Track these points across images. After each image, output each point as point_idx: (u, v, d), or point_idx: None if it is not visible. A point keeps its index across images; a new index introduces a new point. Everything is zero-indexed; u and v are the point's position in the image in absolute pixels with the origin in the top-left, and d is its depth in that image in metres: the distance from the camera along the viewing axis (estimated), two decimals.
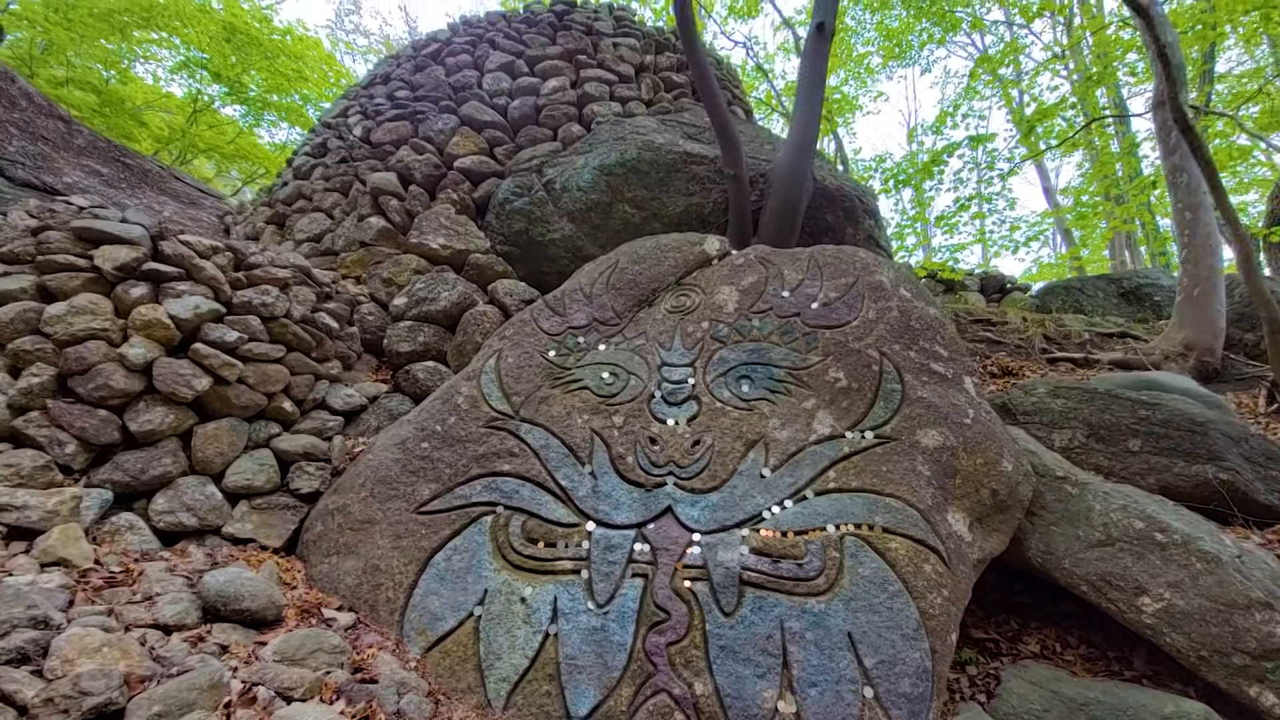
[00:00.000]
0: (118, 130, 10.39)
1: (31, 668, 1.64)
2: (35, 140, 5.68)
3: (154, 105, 11.78)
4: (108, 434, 2.51)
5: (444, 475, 2.91)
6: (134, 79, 12.28)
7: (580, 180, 4.38)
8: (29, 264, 2.68)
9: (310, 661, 2.07)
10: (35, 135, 5.71)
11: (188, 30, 10.36)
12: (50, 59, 10.88)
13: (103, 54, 11.33)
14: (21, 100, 5.75)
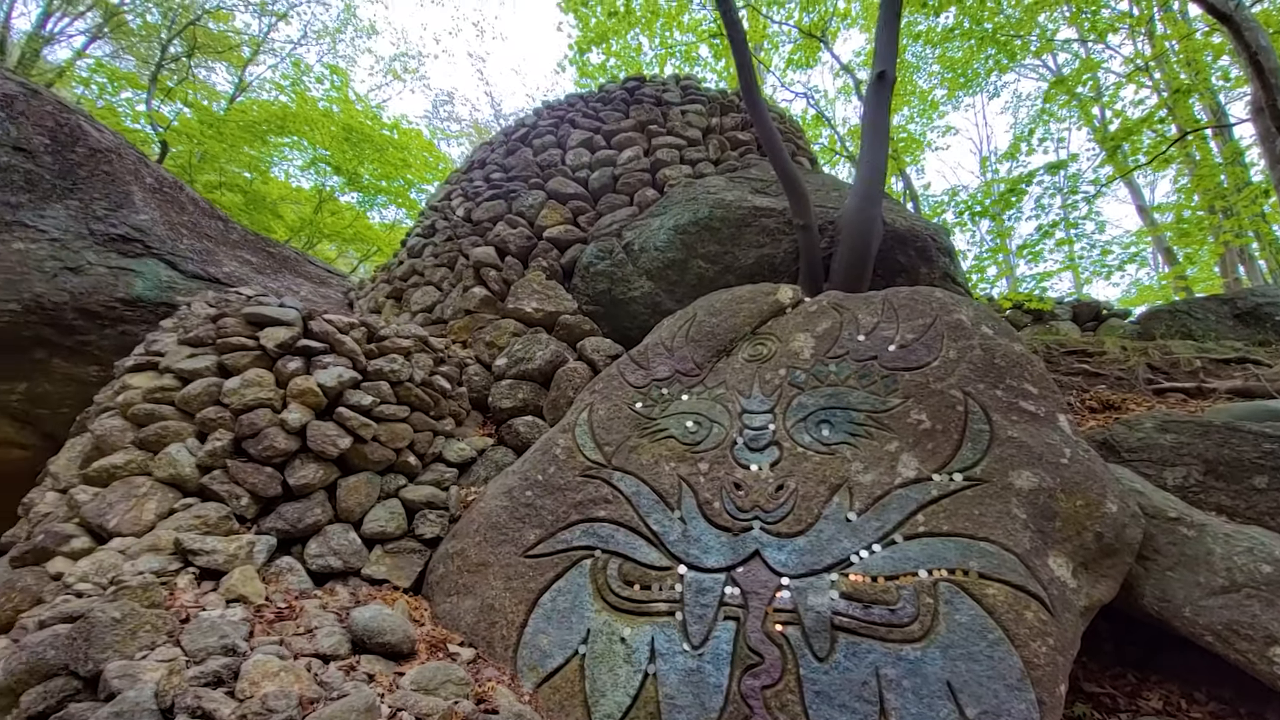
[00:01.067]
0: (260, 223, 12.00)
1: (226, 689, 1.94)
2: (200, 238, 6.73)
3: (287, 199, 13.53)
4: (272, 488, 2.92)
5: (547, 521, 3.12)
6: (271, 179, 14.19)
7: (656, 240, 4.66)
8: (210, 345, 3.23)
9: (441, 691, 2.28)
10: (200, 234, 6.76)
11: (313, 133, 11.93)
12: (205, 166, 12.84)
13: (247, 159, 13.23)
14: (189, 205, 6.86)
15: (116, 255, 5.70)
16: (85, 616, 1.97)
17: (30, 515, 2.75)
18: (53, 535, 2.46)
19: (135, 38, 14.71)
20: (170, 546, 2.46)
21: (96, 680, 1.85)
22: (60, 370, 5.56)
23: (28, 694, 1.81)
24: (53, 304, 5.31)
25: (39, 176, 5.50)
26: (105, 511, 2.55)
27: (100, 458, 2.81)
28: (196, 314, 3.37)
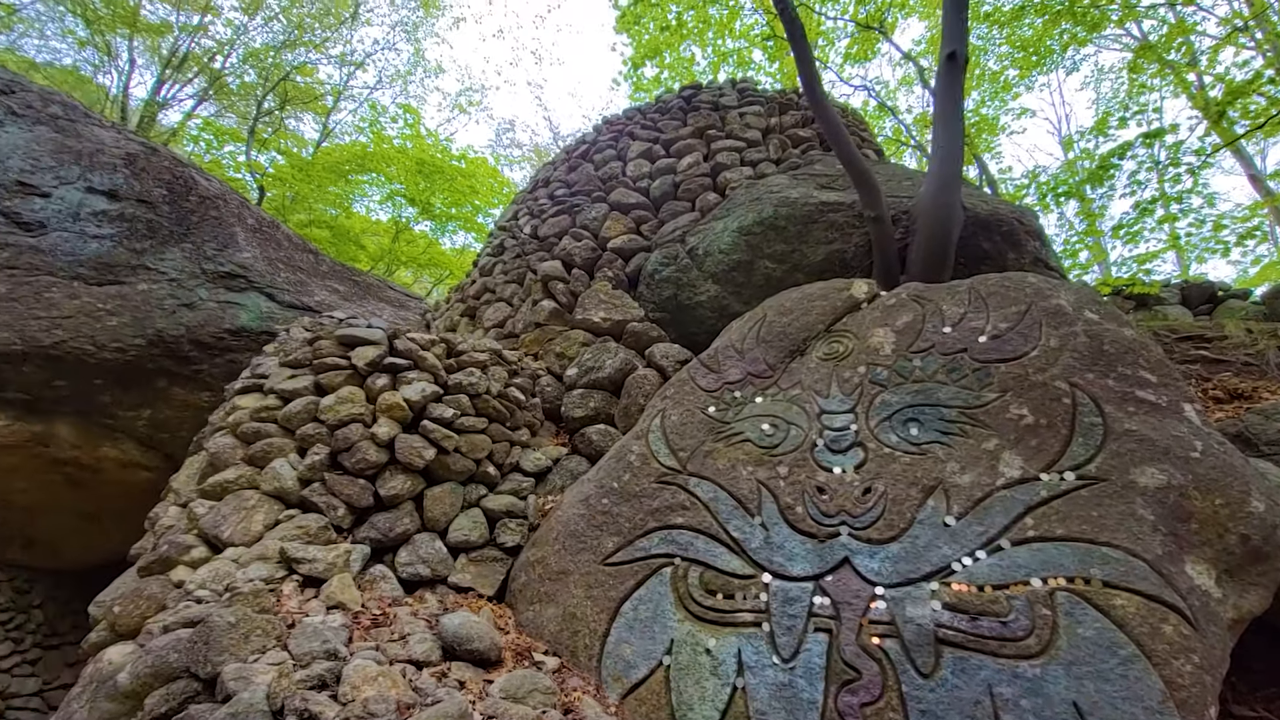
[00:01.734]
0: (345, 254, 12.82)
1: (329, 693, 1.99)
2: (294, 270, 7.23)
3: (368, 232, 14.42)
4: (365, 499, 3.03)
5: (624, 529, 3.07)
6: (354, 214, 15.18)
7: (721, 243, 4.56)
8: (308, 366, 3.41)
9: (529, 700, 2.26)
10: (294, 266, 7.27)
11: (390, 168, 12.68)
12: (297, 207, 13.89)
13: (332, 198, 14.22)
14: (284, 241, 7.40)
15: (224, 290, 6.21)
16: (204, 621, 2.09)
17: (155, 528, 2.98)
18: (175, 545, 2.65)
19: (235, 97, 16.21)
20: (277, 555, 2.59)
21: (214, 682, 1.95)
22: (178, 397, 6.09)
23: (151, 696, 1.93)
24: (172, 337, 5.84)
25: (158, 224, 6.09)
26: (220, 523, 2.73)
27: (214, 474, 3.01)
28: (295, 338, 3.58)
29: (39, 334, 5.37)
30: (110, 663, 2.17)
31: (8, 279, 5.39)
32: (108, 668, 2.15)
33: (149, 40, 14.82)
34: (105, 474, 6.14)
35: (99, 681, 2.12)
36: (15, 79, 6.08)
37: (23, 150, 5.72)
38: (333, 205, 14.22)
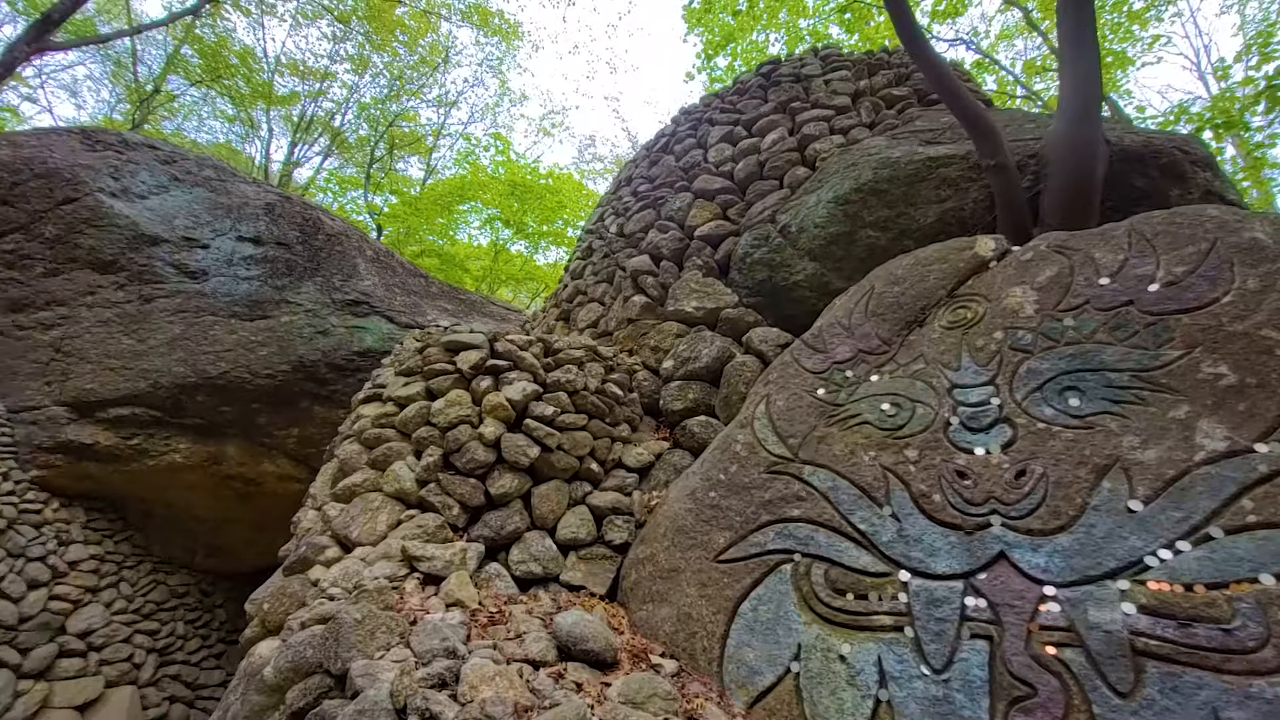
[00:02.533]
0: (452, 278, 13.63)
1: (449, 692, 1.93)
2: (409, 294, 7.70)
3: (470, 256, 15.27)
4: (476, 498, 3.03)
5: (735, 523, 2.83)
6: (457, 241, 16.16)
7: (815, 217, 4.19)
8: (419, 374, 3.50)
9: (649, 706, 2.09)
10: (409, 291, 7.74)
11: (485, 194, 13.32)
12: (409, 239, 14.98)
13: (439, 228, 15.21)
14: (399, 269, 7.91)
15: (350, 316, 6.72)
16: (334, 618, 2.12)
17: (297, 531, 3.17)
18: (312, 546, 2.78)
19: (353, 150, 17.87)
20: (399, 554, 2.63)
21: (345, 678, 1.96)
22: (319, 415, 6.65)
23: (291, 690, 1.98)
24: (310, 362, 6.39)
25: (295, 262, 6.71)
26: (349, 524, 2.83)
27: (344, 478, 3.15)
28: (407, 349, 3.70)
29: (207, 366, 6.09)
30: (260, 657, 2.27)
31: (181, 321, 6.17)
32: (257, 662, 2.25)
33: (283, 110, 16.74)
34: (266, 487, 6.84)
35: (249, 675, 2.23)
36: (176, 150, 7.00)
37: (185, 210, 6.54)
38: (439, 235, 15.21)
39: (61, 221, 6.09)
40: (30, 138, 6.43)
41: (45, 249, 6.08)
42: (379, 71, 16.90)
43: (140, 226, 6.22)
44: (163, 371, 5.98)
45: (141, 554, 6.58)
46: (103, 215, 6.14)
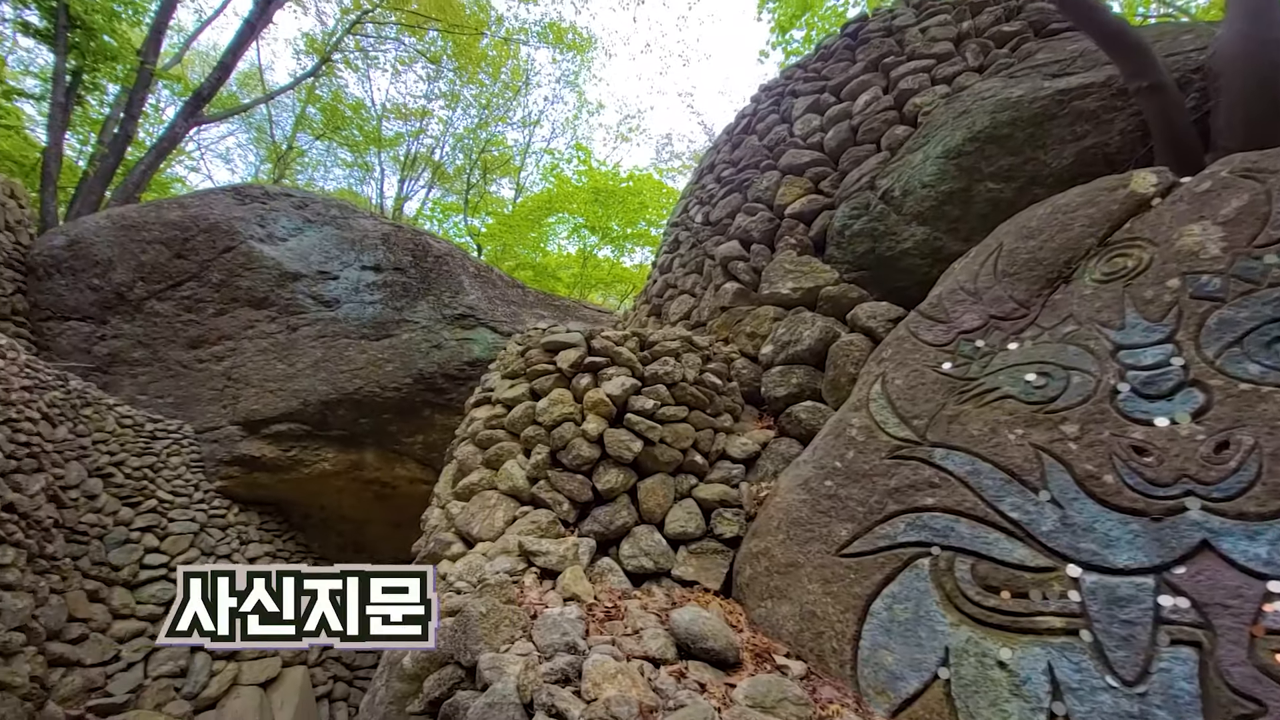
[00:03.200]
0: (546, 287, 14.10)
1: (572, 688, 1.88)
2: (509, 304, 8.00)
3: (561, 266, 15.73)
4: (584, 494, 3.01)
5: (857, 514, 2.56)
6: (547, 253, 16.72)
7: (922, 176, 3.76)
8: (523, 375, 3.56)
9: (779, 710, 1.91)
10: (508, 301, 8.05)
11: (572, 205, 13.64)
12: (506, 256, 15.70)
13: (531, 242, 15.82)
14: (498, 281, 8.26)
15: (460, 330, 7.09)
16: (462, 611, 2.16)
17: (425, 528, 3.33)
18: (439, 542, 2.89)
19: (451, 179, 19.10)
20: (516, 549, 2.65)
21: (474, 670, 1.97)
22: (440, 422, 7.08)
23: (428, 679, 2.03)
24: (429, 374, 6.82)
25: (410, 284, 7.21)
26: (470, 521, 2.92)
27: (462, 478, 3.27)
28: (510, 352, 3.79)
29: (345, 383, 6.69)
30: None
31: (322, 345, 6.84)
32: (399, 651, 2.35)
33: (390, 151, 18.26)
34: (400, 489, 7.41)
35: (392, 664, 2.34)
36: (307, 195, 7.79)
37: (318, 247, 7.26)
38: (531, 248, 15.83)
39: (224, 268, 6.99)
40: (194, 199, 7.46)
41: (213, 292, 7.01)
42: (469, 103, 17.93)
43: (284, 265, 6.99)
44: (310, 390, 6.66)
45: (304, 551, 7.39)
46: (254, 259, 6.96)
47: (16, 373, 5.31)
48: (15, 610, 4.52)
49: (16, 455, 4.94)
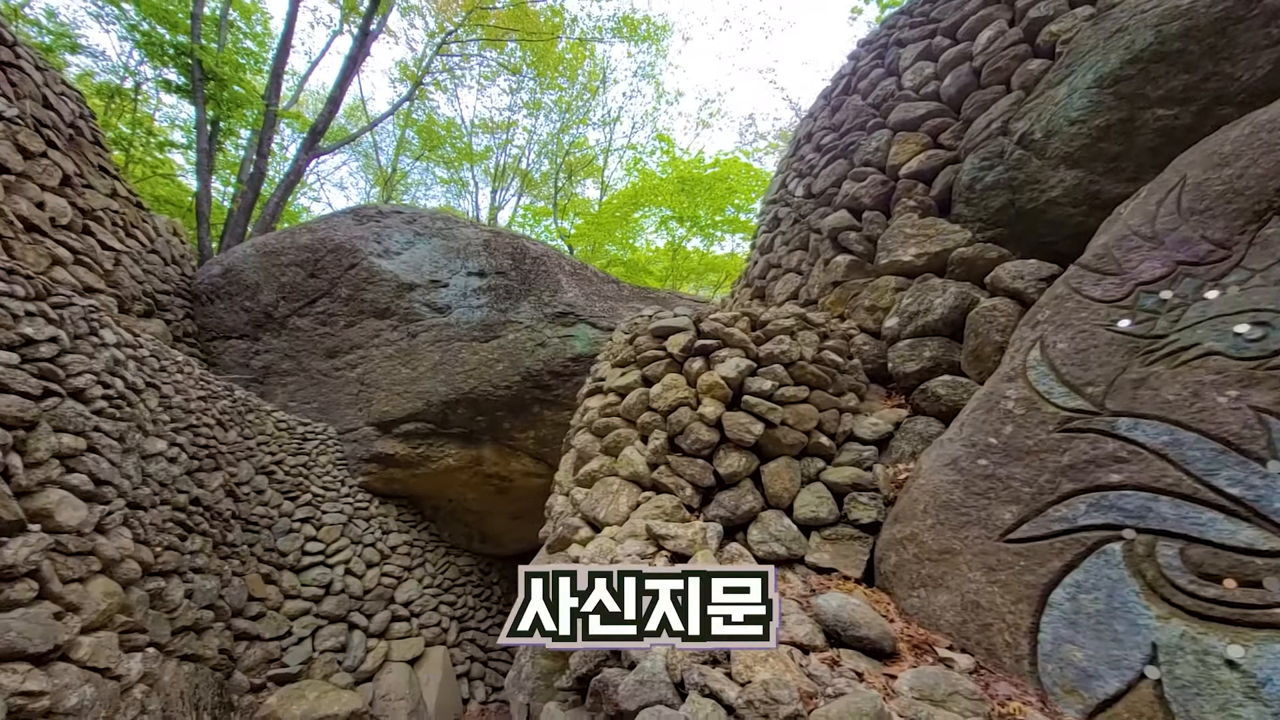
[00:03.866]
0: (637, 282, 14.26)
1: (723, 670, 1.83)
2: (605, 300, 8.14)
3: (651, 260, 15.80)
4: (706, 478, 2.96)
5: (1023, 495, 2.30)
6: (635, 248, 16.88)
7: (1069, 113, 3.31)
8: (633, 362, 3.57)
9: (950, 705, 1.75)
10: (604, 297, 8.19)
11: (658, 197, 13.65)
12: (595, 255, 16.05)
13: (619, 239, 16.05)
14: (594, 278, 8.43)
15: (561, 327, 7.33)
16: None
17: (551, 515, 3.45)
18: (568, 527, 2.98)
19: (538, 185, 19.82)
20: (644, 533, 2.66)
21: (619, 650, 1.99)
22: (549, 418, 7.37)
23: (574, 656, 2.08)
24: (535, 371, 7.11)
25: (511, 286, 7.56)
26: (595, 506, 2.98)
27: (583, 465, 3.35)
28: (618, 341, 3.83)
29: (461, 384, 7.15)
30: None
31: (439, 350, 7.35)
32: None
33: (481, 165, 19.30)
34: (517, 483, 7.82)
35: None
36: (415, 211, 8.40)
37: (428, 258, 7.80)
38: (619, 245, 16.06)
39: (350, 283, 7.72)
40: (320, 223, 8.30)
41: (343, 306, 7.77)
42: (549, 109, 18.51)
43: (400, 277, 7.59)
44: (431, 392, 7.19)
45: (437, 540, 8.01)
46: (375, 273, 7.62)
47: (193, 385, 6.18)
48: (205, 591, 5.27)
49: (198, 456, 5.76)
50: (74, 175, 6.21)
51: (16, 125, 5.46)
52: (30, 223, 5.42)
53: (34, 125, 5.73)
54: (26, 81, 5.76)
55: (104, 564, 3.84)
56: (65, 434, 3.80)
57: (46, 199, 5.70)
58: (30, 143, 5.60)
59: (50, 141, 5.94)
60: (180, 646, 4.73)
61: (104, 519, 4.01)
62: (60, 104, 6.29)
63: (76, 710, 3.22)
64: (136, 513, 4.49)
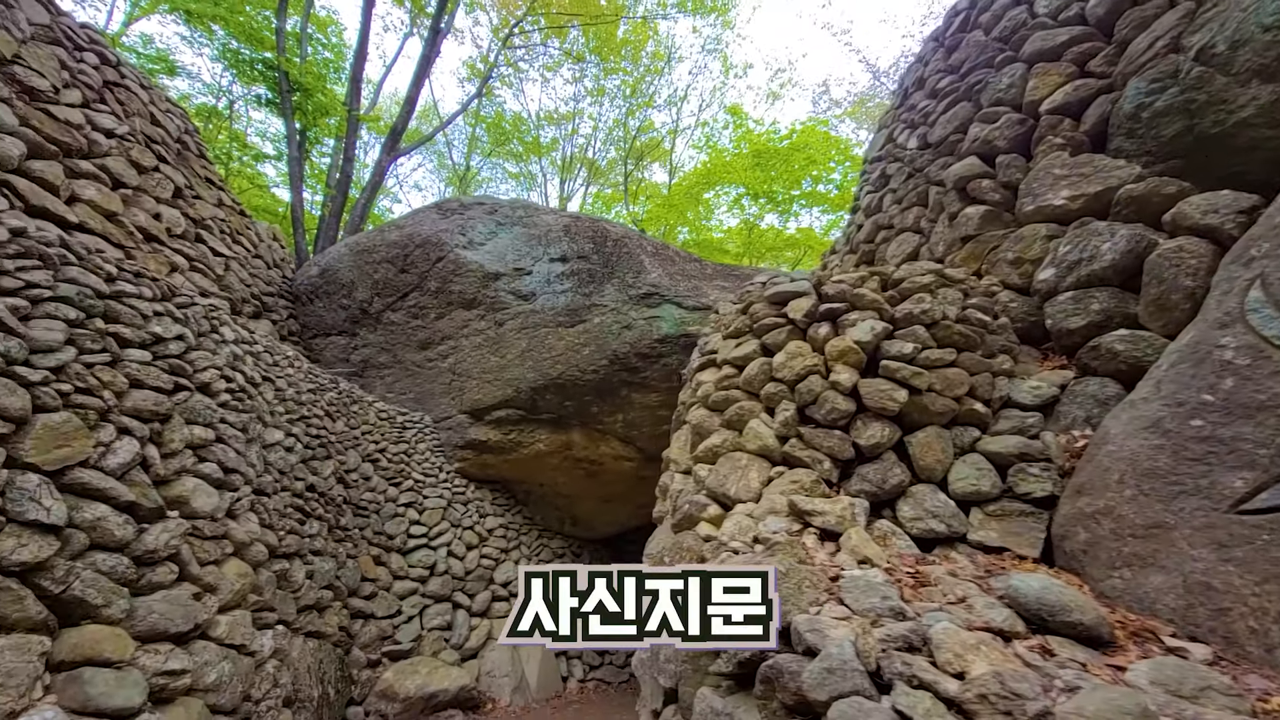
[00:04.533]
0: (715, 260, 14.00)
1: (924, 658, 1.64)
2: (688, 279, 7.97)
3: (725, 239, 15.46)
4: (845, 450, 2.76)
5: (1257, 459, 1.94)
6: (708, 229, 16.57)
7: (1263, 17, 2.80)
8: (749, 332, 3.40)
9: (1204, 701, 1.49)
10: (688, 276, 8.03)
11: (731, 174, 13.28)
12: (668, 237, 15.89)
13: (690, 222, 15.80)
14: (675, 258, 8.28)
15: (646, 308, 7.24)
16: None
17: (668, 494, 3.36)
18: (694, 504, 2.87)
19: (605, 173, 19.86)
20: (785, 509, 2.51)
21: (785, 633, 1.85)
22: (636, 401, 7.33)
23: None
24: (622, 354, 7.07)
25: (594, 270, 7.54)
26: (722, 483, 2.85)
27: (702, 441, 3.23)
28: (727, 312, 3.67)
29: (548, 369, 7.24)
30: None
31: (526, 337, 7.47)
32: None
33: (549, 157, 19.56)
34: (606, 466, 7.85)
35: None
36: (496, 201, 8.56)
37: (511, 247, 7.93)
38: (691, 227, 15.81)
39: (438, 276, 7.98)
40: (407, 220, 8.64)
41: (433, 299, 8.05)
42: (614, 94, 18.42)
43: (485, 267, 7.76)
44: (520, 379, 7.33)
45: (530, 524, 8.22)
46: (461, 265, 7.84)
47: (303, 378, 6.58)
48: (323, 572, 5.61)
49: (311, 445, 6.13)
50: (184, 187, 6.74)
51: (129, 142, 5.96)
52: (149, 233, 5.92)
53: (144, 141, 6.25)
54: (134, 100, 6.27)
55: (236, 547, 4.11)
56: (196, 425, 4.09)
57: (162, 210, 6.22)
58: (142, 158, 6.11)
59: (160, 156, 6.46)
60: (305, 624, 5.06)
61: (234, 505, 4.31)
62: (166, 120, 6.83)
63: (215, 686, 3.46)
64: (261, 499, 4.82)
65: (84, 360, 3.46)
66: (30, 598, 2.72)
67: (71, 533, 2.96)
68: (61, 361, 3.28)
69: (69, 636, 2.86)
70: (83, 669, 2.82)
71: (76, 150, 5.34)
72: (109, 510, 3.15)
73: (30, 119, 4.83)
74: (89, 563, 3.02)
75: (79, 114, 5.47)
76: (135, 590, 3.20)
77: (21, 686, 2.55)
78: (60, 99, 5.31)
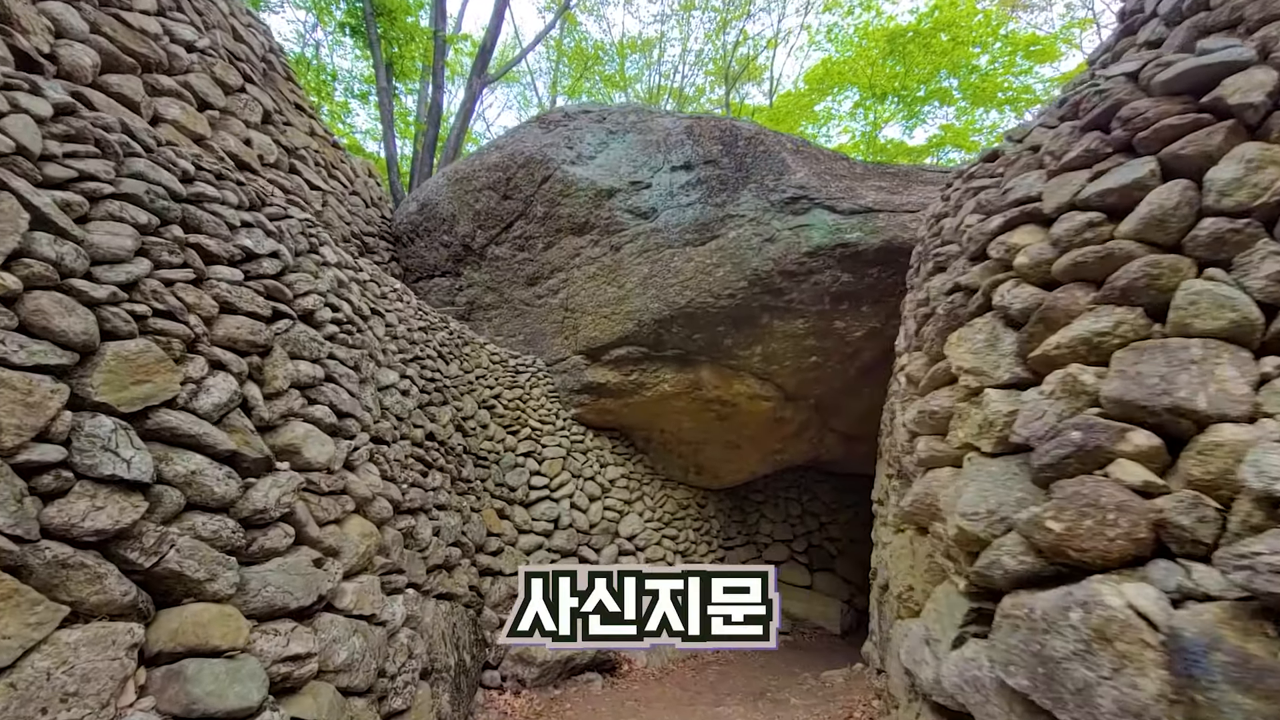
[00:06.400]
0: None
1: None
2: (839, 179, 6.43)
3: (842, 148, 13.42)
4: None
5: None
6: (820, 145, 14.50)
7: None
8: (1118, 151, 2.01)
9: None
10: (837, 175, 6.49)
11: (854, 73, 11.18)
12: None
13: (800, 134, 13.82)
14: (821, 156, 6.75)
15: (791, 216, 5.85)
16: None
17: (966, 419, 2.12)
18: (1096, 432, 1.62)
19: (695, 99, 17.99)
20: None
21: None
22: (778, 330, 6.07)
23: None
24: (764, 273, 5.78)
25: (725, 176, 6.20)
26: (1161, 389, 1.56)
27: (1047, 335, 1.93)
28: (1026, 145, 2.27)
29: (675, 298, 6.09)
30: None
31: (647, 261, 6.33)
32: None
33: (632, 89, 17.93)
34: (740, 407, 6.72)
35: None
36: (604, 107, 7.34)
37: (625, 157, 6.73)
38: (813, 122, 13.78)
39: (544, 199, 6.97)
40: (507, 139, 7.64)
41: (539, 227, 7.08)
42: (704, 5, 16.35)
43: (597, 184, 6.64)
44: (642, 310, 6.26)
45: (652, 473, 7.33)
46: (570, 183, 6.76)
47: (413, 314, 5.84)
48: (449, 528, 4.91)
49: (427, 390, 5.40)
50: (273, 111, 6.01)
51: (210, 57, 5.21)
52: (240, 160, 5.22)
53: (228, 58, 5.52)
54: (213, 10, 5.51)
55: (357, 503, 3.41)
56: (301, 360, 3.32)
57: (252, 135, 5.52)
58: (227, 76, 5.38)
59: (246, 76, 5.73)
60: (435, 585, 4.39)
61: (351, 455, 3.57)
62: (249, 36, 6.07)
63: (346, 665, 2.75)
64: (380, 448, 4.08)
65: (161, 276, 2.69)
66: (113, 575, 2.01)
67: (162, 490, 2.24)
68: (133, 276, 2.51)
69: (167, 621, 2.16)
70: (185, 662, 2.11)
71: (156, 64, 4.64)
72: (206, 462, 2.42)
73: (101, 25, 4.12)
74: (186, 527, 2.30)
75: (155, 23, 4.75)
76: (244, 559, 2.49)
77: (104, 693, 1.83)
78: (133, 4, 4.60)
